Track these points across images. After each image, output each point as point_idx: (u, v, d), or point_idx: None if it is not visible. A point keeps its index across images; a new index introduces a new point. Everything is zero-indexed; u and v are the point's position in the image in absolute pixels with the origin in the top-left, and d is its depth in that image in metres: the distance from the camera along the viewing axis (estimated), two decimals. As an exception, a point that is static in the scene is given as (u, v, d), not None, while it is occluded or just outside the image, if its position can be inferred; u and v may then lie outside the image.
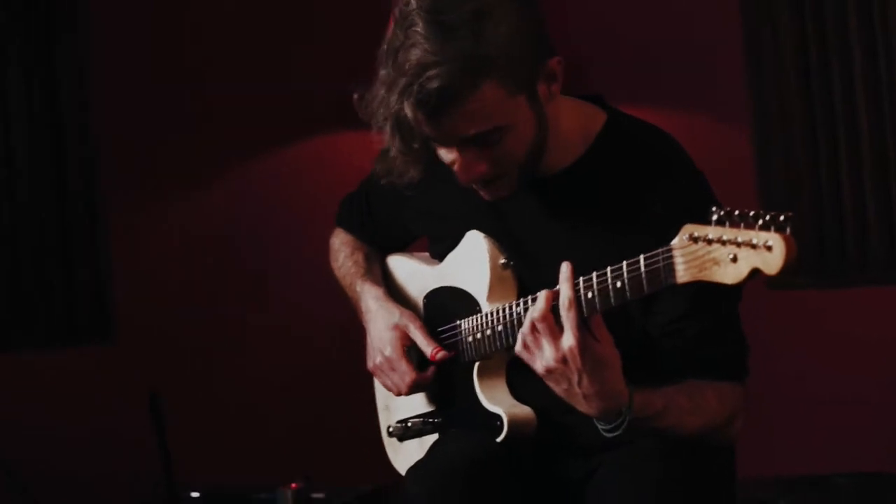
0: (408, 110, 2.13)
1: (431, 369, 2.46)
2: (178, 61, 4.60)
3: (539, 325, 2.15)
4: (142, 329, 4.50)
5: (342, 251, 2.71)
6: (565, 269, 2.14)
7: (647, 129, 2.36)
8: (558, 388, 2.17)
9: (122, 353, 4.48)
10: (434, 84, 2.12)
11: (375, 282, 2.61)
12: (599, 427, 2.20)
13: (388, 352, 2.47)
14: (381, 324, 2.51)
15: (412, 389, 2.48)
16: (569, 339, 2.12)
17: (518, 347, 2.20)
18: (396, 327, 2.48)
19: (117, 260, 4.49)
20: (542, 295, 2.16)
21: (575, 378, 2.13)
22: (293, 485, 3.81)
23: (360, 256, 2.68)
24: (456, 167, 2.25)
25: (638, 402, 2.16)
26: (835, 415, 4.45)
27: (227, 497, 3.92)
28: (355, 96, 2.26)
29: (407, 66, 2.13)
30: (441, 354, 2.42)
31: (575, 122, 2.33)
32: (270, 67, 4.66)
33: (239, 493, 3.91)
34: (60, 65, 4.39)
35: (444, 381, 2.49)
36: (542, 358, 2.15)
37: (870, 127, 4.46)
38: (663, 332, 2.27)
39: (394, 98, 2.14)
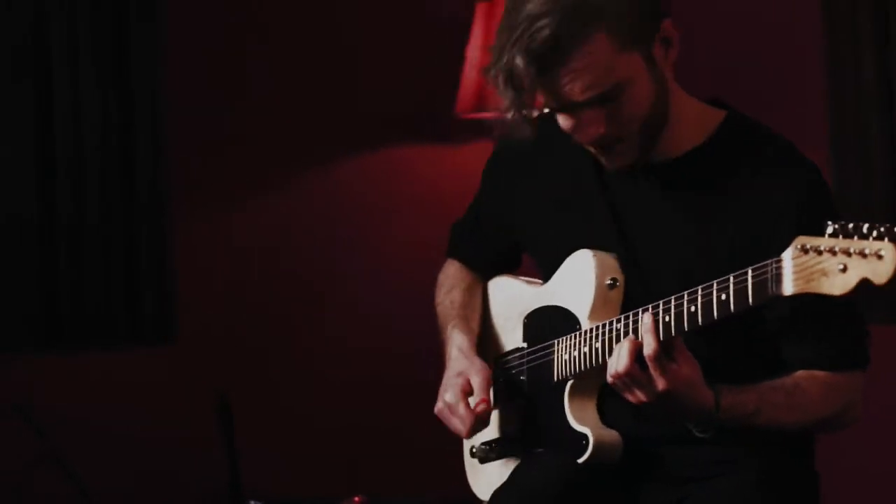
0: (518, 61, 2.13)
1: (484, 408, 2.46)
2: (248, 68, 4.59)
3: (625, 376, 2.18)
4: (205, 333, 4.47)
5: (443, 287, 2.69)
6: (648, 321, 2.14)
7: (769, 130, 2.34)
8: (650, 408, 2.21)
9: (184, 356, 4.45)
10: (544, 33, 2.12)
11: (465, 328, 2.59)
12: (693, 430, 2.24)
13: (448, 397, 2.48)
14: (451, 371, 2.52)
15: (473, 431, 2.48)
16: (660, 384, 2.15)
17: (609, 381, 2.23)
18: (461, 374, 2.48)
19: (182, 262, 4.46)
20: (626, 348, 2.16)
21: (670, 403, 2.17)
22: (356, 498, 3.77)
23: (456, 295, 2.65)
24: (574, 131, 2.23)
25: (726, 405, 2.19)
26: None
27: (286, 507, 3.88)
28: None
29: (518, 20, 2.14)
30: (482, 408, 2.43)
31: (694, 113, 2.33)
32: (339, 77, 4.63)
33: (298, 505, 3.88)
34: (134, 68, 4.40)
35: (533, 405, 2.47)
36: (633, 395, 2.21)
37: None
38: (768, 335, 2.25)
39: (505, 51, 2.15)
